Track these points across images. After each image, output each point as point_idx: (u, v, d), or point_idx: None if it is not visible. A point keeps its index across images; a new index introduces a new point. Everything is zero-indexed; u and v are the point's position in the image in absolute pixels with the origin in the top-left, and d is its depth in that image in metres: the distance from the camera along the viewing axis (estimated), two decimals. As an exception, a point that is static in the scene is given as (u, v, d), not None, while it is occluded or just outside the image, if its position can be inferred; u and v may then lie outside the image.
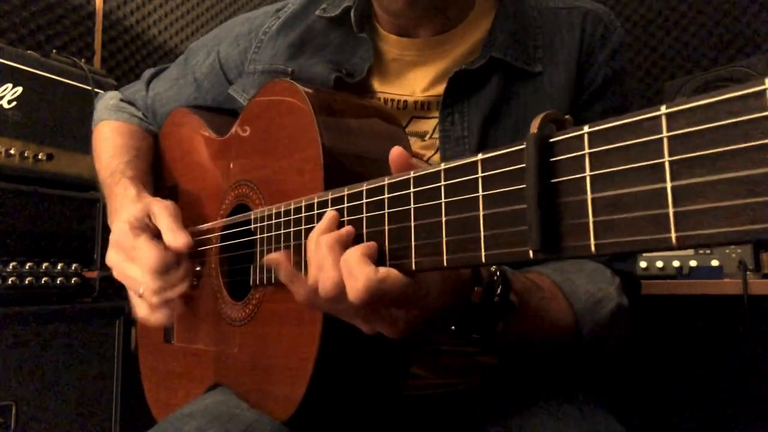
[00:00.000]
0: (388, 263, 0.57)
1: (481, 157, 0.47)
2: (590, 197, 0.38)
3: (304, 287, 0.65)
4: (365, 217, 0.60)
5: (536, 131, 0.40)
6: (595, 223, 0.37)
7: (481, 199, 0.47)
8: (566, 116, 0.42)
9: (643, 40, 2.34)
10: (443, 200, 0.50)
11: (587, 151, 0.38)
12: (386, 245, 0.57)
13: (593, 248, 0.37)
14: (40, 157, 1.73)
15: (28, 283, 1.65)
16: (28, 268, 1.66)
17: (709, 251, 1.65)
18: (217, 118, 1.11)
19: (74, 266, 1.76)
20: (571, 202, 0.39)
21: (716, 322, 1.69)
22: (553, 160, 0.40)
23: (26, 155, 1.69)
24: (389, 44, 0.98)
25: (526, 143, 0.41)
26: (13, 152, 1.67)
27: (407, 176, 0.55)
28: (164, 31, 2.63)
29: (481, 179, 0.47)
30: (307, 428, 0.79)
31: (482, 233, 0.46)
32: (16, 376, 1.56)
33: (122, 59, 2.44)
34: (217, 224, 0.97)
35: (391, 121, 0.86)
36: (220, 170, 1.00)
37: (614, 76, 0.94)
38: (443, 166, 0.51)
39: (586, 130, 0.39)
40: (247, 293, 0.88)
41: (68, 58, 1.92)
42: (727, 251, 1.62)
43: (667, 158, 0.34)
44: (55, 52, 1.96)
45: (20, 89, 1.69)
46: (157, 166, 1.22)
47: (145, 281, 0.90)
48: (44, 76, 1.76)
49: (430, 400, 0.89)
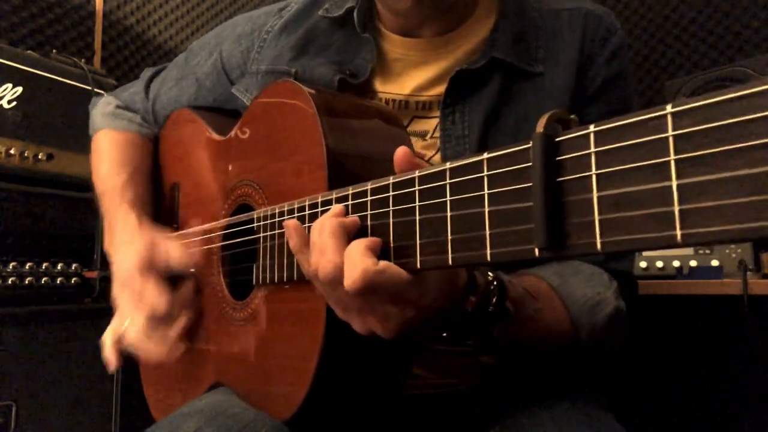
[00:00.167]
0: (392, 261, 0.57)
1: (486, 156, 0.47)
2: (596, 196, 0.38)
3: (308, 263, 0.66)
4: (369, 215, 0.60)
5: (542, 130, 0.41)
6: (601, 221, 0.38)
7: (486, 197, 0.47)
8: (572, 116, 0.42)
9: (643, 40, 2.34)
10: (448, 198, 0.51)
11: (593, 150, 0.38)
12: (391, 243, 0.57)
13: (599, 246, 0.37)
14: (40, 157, 1.73)
15: (28, 283, 1.65)
16: (28, 268, 1.66)
17: (709, 251, 1.65)
18: (218, 118, 1.10)
19: (74, 266, 1.77)
20: (576, 200, 0.39)
21: (716, 322, 1.69)
22: (559, 159, 0.41)
23: (26, 155, 1.70)
24: (392, 44, 0.98)
25: (532, 142, 0.42)
26: (13, 152, 1.67)
27: (412, 175, 0.55)
28: (164, 31, 2.63)
29: (486, 178, 0.47)
30: (308, 427, 0.79)
31: (487, 232, 0.46)
32: (16, 376, 1.56)
33: (122, 59, 2.44)
34: (219, 224, 0.98)
35: (393, 122, 0.86)
36: (222, 170, 1.00)
37: (614, 77, 0.94)
38: (448, 164, 0.51)
39: (591, 129, 0.39)
40: (249, 293, 0.88)
41: (68, 58, 1.93)
42: (727, 251, 1.62)
43: (672, 157, 0.34)
44: (55, 52, 1.96)
45: (20, 89, 1.70)
46: (158, 166, 1.22)
47: (143, 321, 0.97)
48: (44, 76, 1.77)
49: (430, 400, 0.90)
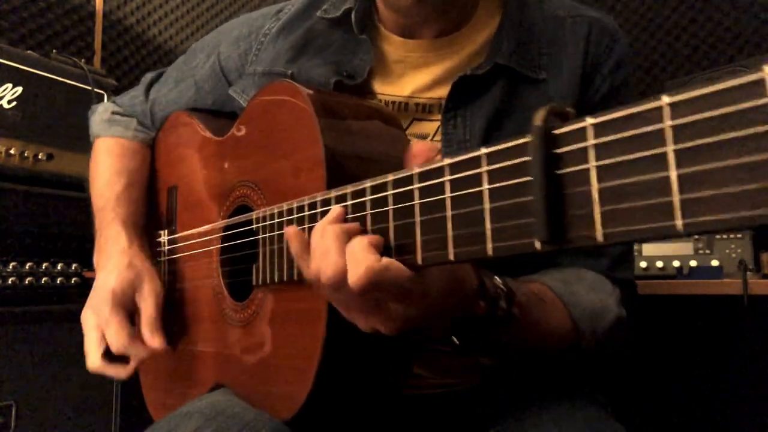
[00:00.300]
0: (394, 258, 0.57)
1: (485, 151, 0.47)
2: (596, 187, 0.38)
3: (308, 268, 0.66)
4: (369, 213, 0.60)
5: (540, 123, 0.41)
6: (601, 213, 0.38)
7: (486, 192, 0.47)
8: (569, 109, 0.42)
9: (643, 40, 2.34)
10: (448, 195, 0.51)
11: (591, 142, 0.39)
12: (392, 241, 0.57)
13: (600, 237, 0.37)
14: (40, 157, 1.73)
15: (28, 283, 1.66)
16: (28, 268, 1.66)
17: (709, 251, 1.65)
18: (215, 120, 1.10)
19: (74, 266, 1.77)
20: (576, 193, 0.39)
21: (716, 322, 1.69)
22: (557, 151, 0.41)
23: (26, 155, 1.70)
24: (392, 45, 0.98)
25: (530, 136, 0.42)
26: (13, 152, 1.67)
27: (410, 173, 0.55)
28: (164, 31, 2.63)
29: (486, 173, 0.47)
30: (309, 427, 0.78)
31: (488, 226, 0.46)
32: (16, 376, 1.56)
33: (122, 59, 2.45)
34: (218, 225, 0.97)
35: (391, 122, 0.86)
36: (220, 171, 1.00)
37: (620, 85, 0.94)
38: (447, 161, 0.51)
39: (589, 121, 0.39)
40: (248, 294, 0.87)
41: (68, 58, 1.93)
42: (727, 251, 1.62)
43: (671, 147, 0.35)
44: (55, 52, 1.96)
45: (20, 89, 1.70)
46: (156, 169, 1.22)
47: (95, 355, 0.99)
48: (44, 76, 1.77)
49: (430, 400, 0.89)
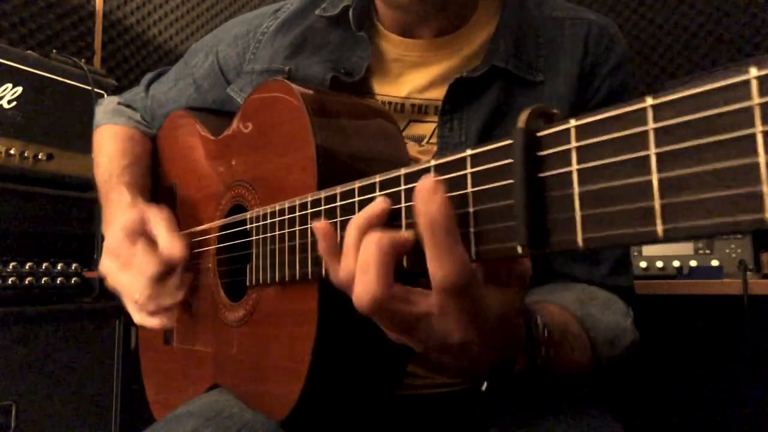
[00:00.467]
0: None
1: (469, 152, 0.47)
2: (577, 191, 0.38)
3: (336, 271, 0.60)
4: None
5: (523, 126, 0.40)
6: (582, 217, 0.37)
7: (470, 195, 0.46)
8: (554, 110, 0.42)
9: (643, 40, 2.34)
10: (434, 196, 0.50)
11: (574, 144, 0.38)
12: None
13: (580, 242, 0.37)
14: (40, 157, 1.73)
15: (28, 283, 1.66)
16: (28, 268, 1.67)
17: (709, 251, 1.64)
18: (213, 119, 1.10)
19: (74, 266, 1.77)
20: (558, 196, 0.39)
21: (716, 322, 1.69)
22: (540, 154, 0.40)
23: (26, 155, 1.70)
24: (391, 44, 0.97)
25: (513, 138, 0.41)
26: (13, 152, 1.68)
27: (398, 173, 0.54)
28: (164, 31, 2.63)
29: (470, 175, 0.47)
30: (304, 428, 0.78)
31: (472, 229, 0.46)
32: (16, 376, 1.57)
33: (122, 59, 2.45)
34: (213, 225, 0.97)
35: (387, 121, 0.85)
36: (216, 171, 1.00)
37: (618, 88, 0.94)
38: (433, 162, 0.51)
39: (572, 123, 0.38)
40: (244, 294, 0.87)
41: (68, 58, 1.93)
42: (727, 251, 1.62)
43: (653, 150, 0.34)
44: (55, 52, 1.96)
45: (20, 89, 1.70)
46: (155, 168, 1.22)
47: (141, 288, 0.91)
48: (44, 76, 1.77)
49: (429, 400, 0.89)
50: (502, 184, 0.43)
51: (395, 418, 0.89)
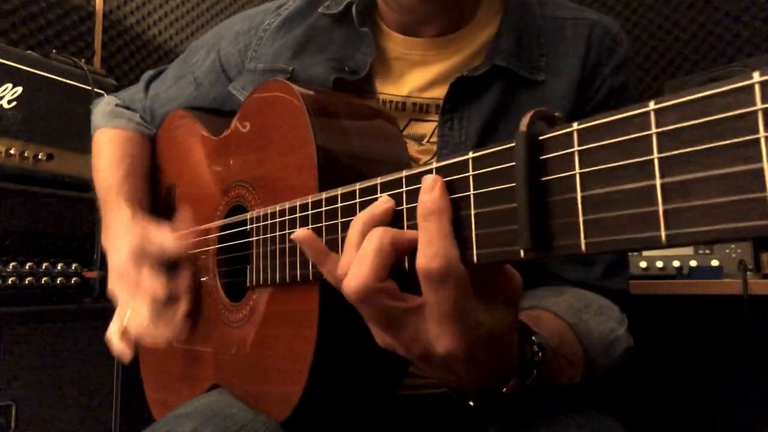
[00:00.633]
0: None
1: (472, 155, 0.47)
2: (580, 195, 0.37)
3: (334, 270, 0.59)
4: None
5: (525, 129, 0.40)
6: (585, 221, 0.37)
7: (472, 197, 0.46)
8: (557, 114, 0.42)
9: (643, 40, 2.34)
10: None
11: (576, 148, 0.38)
12: None
13: (583, 247, 0.37)
14: (40, 157, 1.73)
15: (28, 283, 1.65)
16: (28, 268, 1.66)
17: (709, 251, 1.64)
18: (213, 118, 1.10)
19: (74, 266, 1.76)
20: (560, 200, 0.39)
21: (716, 322, 1.69)
22: (543, 158, 0.40)
23: (26, 155, 1.70)
24: (393, 42, 0.97)
25: (515, 141, 0.41)
26: (13, 152, 1.67)
27: (399, 176, 0.54)
28: (164, 31, 2.63)
29: (472, 177, 0.46)
30: (304, 428, 0.78)
31: (473, 232, 0.46)
32: (16, 376, 1.56)
33: (122, 59, 2.44)
34: (214, 225, 0.97)
35: (387, 122, 0.85)
36: (216, 171, 1.00)
37: (620, 88, 0.93)
38: (435, 164, 0.50)
39: (575, 127, 0.38)
40: (244, 294, 0.87)
41: (68, 58, 1.93)
42: (727, 251, 1.62)
43: (656, 155, 0.34)
44: (55, 52, 1.96)
45: (20, 89, 1.70)
46: (154, 168, 1.22)
47: (145, 311, 0.95)
48: (44, 76, 1.77)
49: (429, 400, 0.89)
50: (504, 187, 0.43)
51: (396, 418, 0.89)
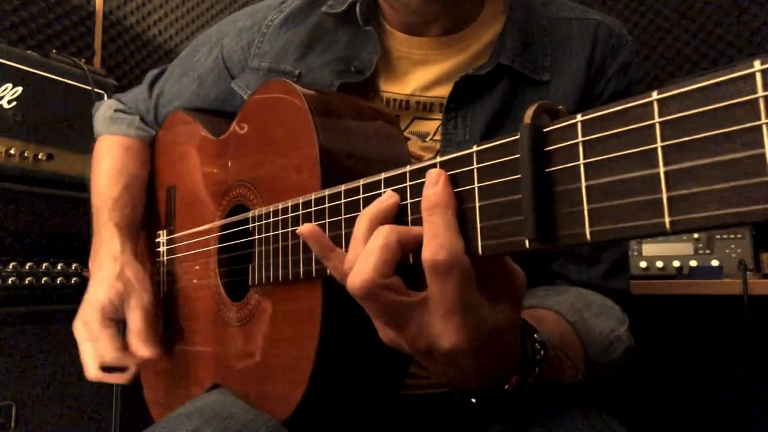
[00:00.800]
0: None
1: (476, 148, 0.47)
2: (584, 185, 0.38)
3: (339, 265, 0.59)
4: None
5: (530, 121, 0.41)
6: (589, 210, 0.38)
7: (476, 190, 0.47)
8: (559, 106, 0.42)
9: (643, 40, 2.34)
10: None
11: (580, 139, 0.38)
12: None
13: (588, 236, 0.37)
14: (40, 157, 1.73)
15: (28, 283, 1.65)
16: (28, 268, 1.66)
17: (709, 251, 1.65)
18: (214, 119, 1.10)
19: (74, 266, 1.76)
20: (565, 190, 0.39)
21: (716, 322, 1.69)
22: (547, 149, 0.41)
23: (26, 155, 1.69)
24: (396, 41, 0.97)
25: (520, 133, 0.41)
26: (13, 152, 1.67)
27: (404, 170, 0.55)
28: (164, 31, 2.63)
29: (476, 170, 0.47)
30: (306, 428, 0.78)
31: (478, 224, 0.46)
32: (16, 376, 1.56)
33: (122, 59, 2.44)
34: (215, 225, 0.97)
35: (389, 122, 0.85)
36: (217, 171, 1.00)
37: (625, 89, 0.94)
38: (439, 159, 0.51)
39: (579, 118, 0.39)
40: (245, 294, 0.87)
41: (68, 58, 1.93)
42: (727, 251, 1.62)
43: (659, 143, 0.34)
44: (55, 52, 1.96)
45: (20, 89, 1.69)
46: (155, 169, 1.22)
47: (92, 365, 1.00)
48: (44, 76, 1.76)
49: (430, 400, 0.89)
50: (508, 179, 0.44)
51: (397, 417, 0.89)
